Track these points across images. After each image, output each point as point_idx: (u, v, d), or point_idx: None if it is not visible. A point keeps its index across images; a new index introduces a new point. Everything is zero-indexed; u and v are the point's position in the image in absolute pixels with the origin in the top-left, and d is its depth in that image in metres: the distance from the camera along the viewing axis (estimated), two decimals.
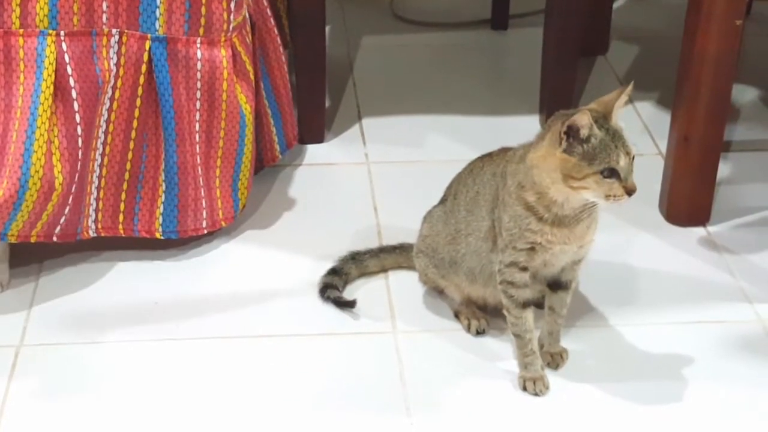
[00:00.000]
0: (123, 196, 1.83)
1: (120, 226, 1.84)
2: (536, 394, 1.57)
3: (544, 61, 2.22)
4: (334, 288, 1.75)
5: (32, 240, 1.75)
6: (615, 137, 1.44)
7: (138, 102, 1.78)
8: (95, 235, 1.83)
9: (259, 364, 1.63)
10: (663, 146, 2.02)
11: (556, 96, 2.16)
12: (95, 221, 1.82)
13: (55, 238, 1.78)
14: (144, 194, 1.83)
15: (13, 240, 1.72)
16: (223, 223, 1.88)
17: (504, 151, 1.61)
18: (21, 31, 1.69)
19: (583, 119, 1.42)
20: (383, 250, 1.83)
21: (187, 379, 1.60)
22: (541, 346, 1.62)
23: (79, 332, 1.68)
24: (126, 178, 1.82)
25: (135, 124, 1.79)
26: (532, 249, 1.53)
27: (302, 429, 1.52)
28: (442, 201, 1.71)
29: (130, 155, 1.81)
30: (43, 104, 1.70)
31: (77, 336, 1.67)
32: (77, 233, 1.80)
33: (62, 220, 1.76)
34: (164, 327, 1.70)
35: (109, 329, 1.69)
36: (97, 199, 1.81)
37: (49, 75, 1.70)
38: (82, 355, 1.64)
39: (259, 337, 1.68)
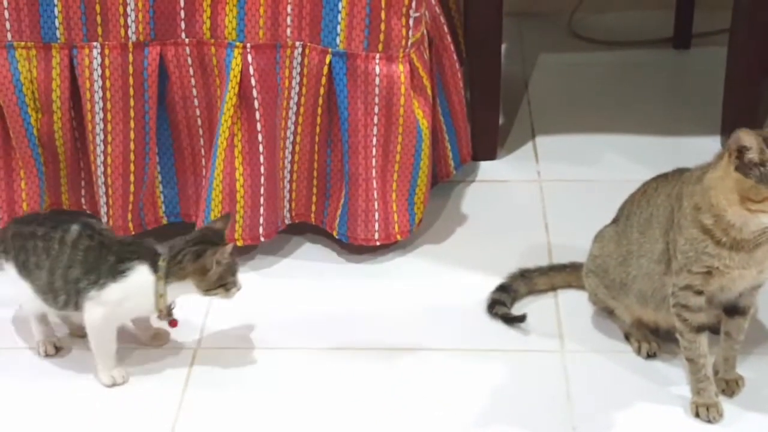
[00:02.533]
0: (314, 189, 1.90)
1: (312, 215, 1.91)
2: (709, 422, 1.53)
3: (728, 81, 2.16)
4: (502, 304, 1.75)
5: (239, 243, 1.82)
6: None
7: (319, 111, 1.83)
8: (290, 222, 1.91)
9: (426, 376, 1.64)
10: None
11: (740, 117, 2.10)
12: (289, 210, 1.89)
13: (262, 239, 1.85)
14: (332, 193, 1.89)
15: None
16: (398, 237, 1.90)
17: (679, 172, 1.58)
18: (212, 41, 1.77)
19: (746, 138, 1.38)
20: (553, 269, 1.81)
21: (354, 388, 1.63)
22: (716, 373, 1.58)
23: (252, 336, 1.73)
24: (315, 175, 1.88)
25: (317, 130, 1.85)
26: (709, 273, 1.49)
27: None
28: (615, 221, 1.68)
29: (316, 156, 1.87)
30: (225, 114, 1.77)
31: (249, 341, 1.72)
32: (278, 227, 1.88)
33: (261, 220, 1.83)
34: (334, 336, 1.73)
35: (278, 335, 1.73)
36: (290, 191, 1.88)
37: (233, 87, 1.77)
38: (254, 360, 1.69)
39: (427, 350, 1.70)
